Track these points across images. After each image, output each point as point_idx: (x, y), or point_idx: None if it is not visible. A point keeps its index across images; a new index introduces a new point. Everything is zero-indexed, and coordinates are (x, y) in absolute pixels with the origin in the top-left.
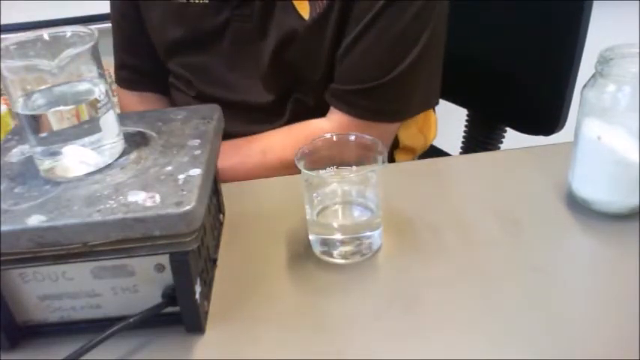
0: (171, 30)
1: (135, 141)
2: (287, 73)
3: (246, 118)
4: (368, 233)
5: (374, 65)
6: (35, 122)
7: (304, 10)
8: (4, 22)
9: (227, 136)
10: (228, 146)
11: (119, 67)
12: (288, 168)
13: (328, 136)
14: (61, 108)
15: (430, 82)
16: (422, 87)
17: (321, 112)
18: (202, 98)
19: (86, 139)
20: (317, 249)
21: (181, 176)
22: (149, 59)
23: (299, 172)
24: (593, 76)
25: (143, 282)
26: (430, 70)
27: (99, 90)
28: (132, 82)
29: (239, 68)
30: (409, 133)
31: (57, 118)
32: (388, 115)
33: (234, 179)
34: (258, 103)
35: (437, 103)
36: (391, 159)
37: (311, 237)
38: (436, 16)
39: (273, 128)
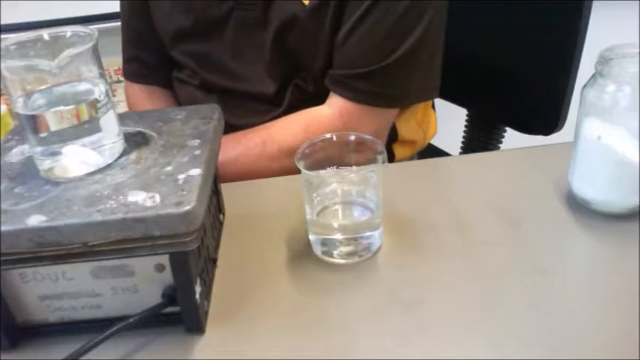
0: (178, 19)
1: (135, 141)
2: (288, 60)
3: (247, 108)
4: (368, 233)
5: (372, 50)
6: (35, 122)
7: None
8: (4, 22)
9: (228, 127)
10: (227, 139)
11: (128, 60)
12: (289, 156)
13: (328, 136)
14: (61, 108)
15: (429, 70)
16: (421, 73)
17: (319, 100)
18: (206, 87)
19: (86, 139)
20: (317, 249)
21: (181, 176)
22: (157, 54)
23: (299, 170)
24: (593, 76)
25: (143, 282)
26: (429, 57)
27: (99, 90)
28: (140, 76)
29: (242, 56)
30: (409, 127)
31: (57, 118)
32: (387, 100)
33: (236, 172)
34: (260, 91)
35: (437, 95)
36: (390, 153)
37: (311, 237)
38: (434, 1)
39: (272, 119)
